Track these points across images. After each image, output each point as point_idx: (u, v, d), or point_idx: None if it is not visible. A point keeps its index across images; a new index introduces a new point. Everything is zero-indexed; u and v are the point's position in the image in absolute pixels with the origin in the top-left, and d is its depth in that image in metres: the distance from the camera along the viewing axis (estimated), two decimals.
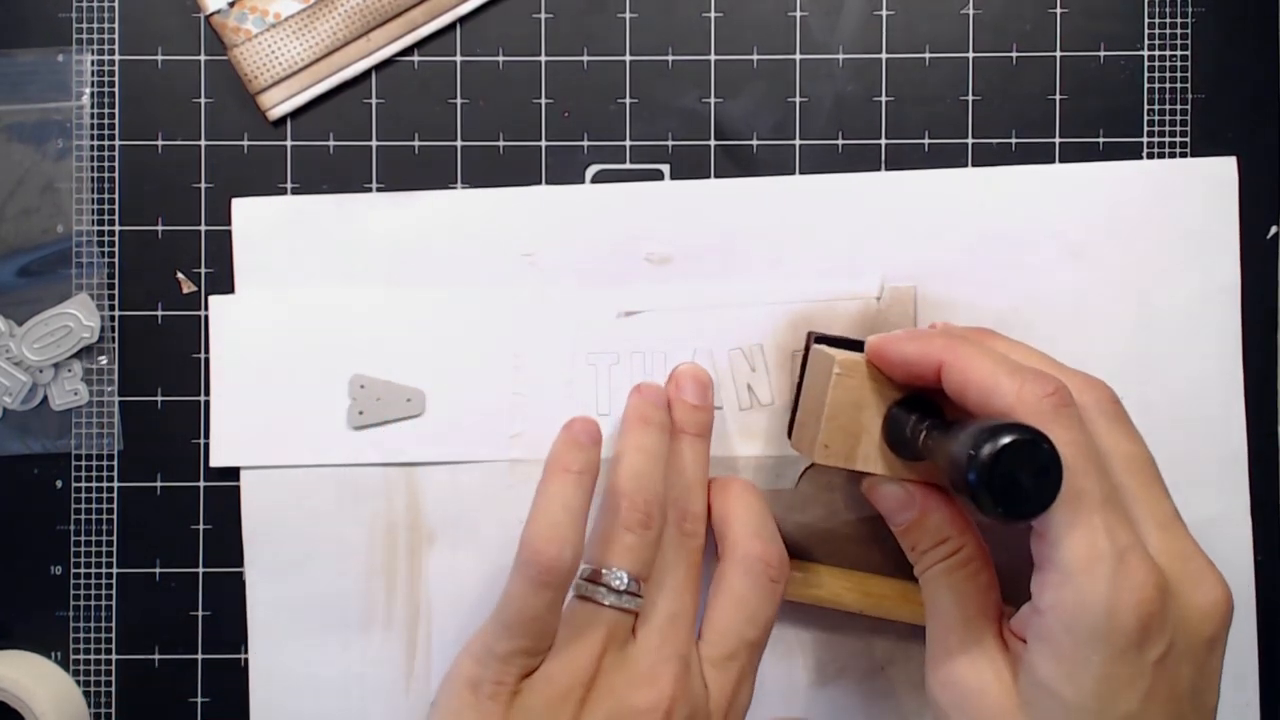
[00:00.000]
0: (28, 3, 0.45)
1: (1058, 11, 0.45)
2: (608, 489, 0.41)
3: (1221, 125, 0.45)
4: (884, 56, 0.45)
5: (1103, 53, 0.45)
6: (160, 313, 0.45)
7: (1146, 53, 0.45)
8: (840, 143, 0.45)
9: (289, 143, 0.45)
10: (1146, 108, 0.45)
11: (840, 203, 0.45)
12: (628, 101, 0.45)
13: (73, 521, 0.45)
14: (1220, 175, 0.45)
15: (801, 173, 0.45)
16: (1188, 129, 0.45)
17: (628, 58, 0.45)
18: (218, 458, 0.45)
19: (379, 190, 0.45)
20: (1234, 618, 0.36)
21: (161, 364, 0.45)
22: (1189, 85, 0.45)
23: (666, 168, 0.45)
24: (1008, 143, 0.45)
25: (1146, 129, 0.45)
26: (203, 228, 0.45)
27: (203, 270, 0.45)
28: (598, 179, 0.45)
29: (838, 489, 0.44)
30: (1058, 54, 0.45)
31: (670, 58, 0.45)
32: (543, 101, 0.45)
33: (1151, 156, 0.45)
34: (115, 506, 0.45)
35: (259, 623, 0.44)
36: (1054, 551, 0.34)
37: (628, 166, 0.45)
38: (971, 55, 0.45)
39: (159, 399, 0.45)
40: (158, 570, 0.45)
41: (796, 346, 0.44)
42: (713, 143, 0.45)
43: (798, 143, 0.45)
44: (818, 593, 0.43)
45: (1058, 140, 0.45)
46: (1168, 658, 0.34)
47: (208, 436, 0.45)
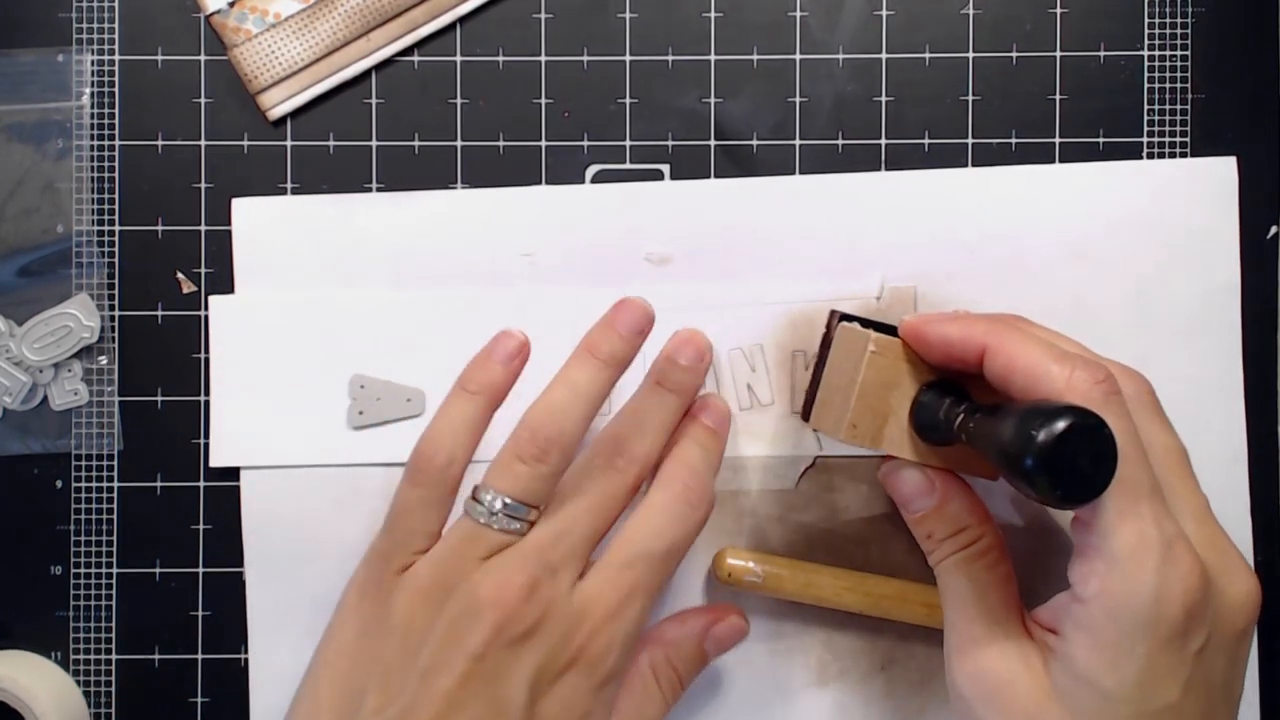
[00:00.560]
0: (28, 3, 0.45)
1: (1058, 11, 0.45)
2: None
3: (1221, 125, 0.45)
4: (884, 56, 0.45)
5: (1103, 53, 0.45)
6: (160, 313, 0.45)
7: (1146, 53, 0.45)
8: (840, 143, 0.45)
9: (289, 143, 0.45)
10: (1146, 108, 0.45)
11: (840, 203, 0.45)
12: (628, 101, 0.45)
13: (73, 521, 0.45)
14: (1220, 175, 0.45)
15: (801, 173, 0.45)
16: (1188, 129, 0.45)
17: (628, 58, 0.45)
18: (218, 458, 0.45)
19: (379, 190, 0.45)
20: None
21: (161, 364, 0.45)
22: (1189, 85, 0.45)
23: (666, 168, 0.45)
24: (1008, 143, 0.45)
25: (1146, 129, 0.45)
26: (203, 228, 0.45)
27: (203, 270, 0.45)
28: (598, 179, 0.45)
29: (838, 489, 0.44)
30: (1057, 54, 0.45)
31: (670, 58, 0.45)
32: (543, 101, 0.45)
33: (1151, 156, 0.45)
34: (115, 506, 0.45)
35: (259, 623, 0.44)
36: (1102, 540, 0.33)
37: (628, 166, 0.45)
38: (971, 55, 0.45)
39: (159, 399, 0.45)
40: (158, 570, 0.45)
41: (797, 346, 0.44)
42: (713, 143, 0.45)
43: (798, 143, 0.45)
44: (818, 593, 0.43)
45: (1058, 140, 0.45)
46: (1206, 649, 0.34)
47: (208, 436, 0.45)
